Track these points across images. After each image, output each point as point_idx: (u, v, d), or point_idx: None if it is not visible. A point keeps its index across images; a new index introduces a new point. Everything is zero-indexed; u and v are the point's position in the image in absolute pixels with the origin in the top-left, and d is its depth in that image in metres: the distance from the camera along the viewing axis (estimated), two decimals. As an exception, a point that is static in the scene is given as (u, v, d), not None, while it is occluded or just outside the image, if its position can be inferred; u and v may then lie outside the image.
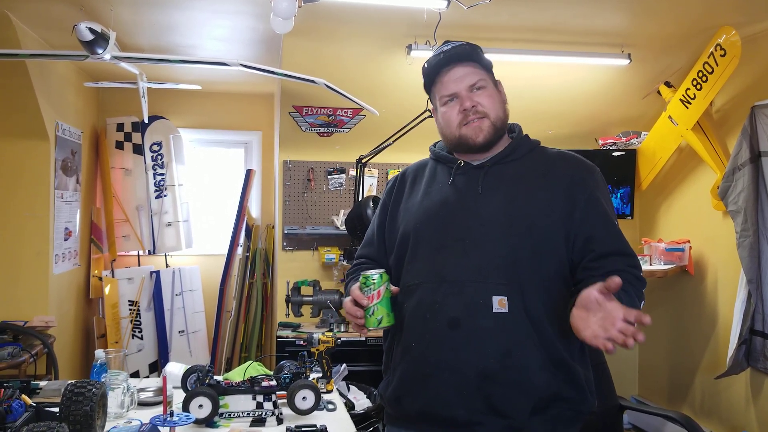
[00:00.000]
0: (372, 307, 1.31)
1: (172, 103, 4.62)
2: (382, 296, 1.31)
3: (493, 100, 1.43)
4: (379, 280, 1.30)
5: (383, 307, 1.31)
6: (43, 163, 3.43)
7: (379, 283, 1.30)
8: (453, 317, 1.34)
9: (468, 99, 1.41)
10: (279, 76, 2.97)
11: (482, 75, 1.43)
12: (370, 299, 1.30)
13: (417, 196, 1.50)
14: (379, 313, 1.31)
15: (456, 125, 1.43)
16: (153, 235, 4.48)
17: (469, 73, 1.42)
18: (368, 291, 1.31)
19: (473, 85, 1.42)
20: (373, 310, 1.31)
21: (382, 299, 1.31)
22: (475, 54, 1.44)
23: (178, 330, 4.43)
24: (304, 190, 3.77)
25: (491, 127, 1.42)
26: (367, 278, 1.31)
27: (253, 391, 1.79)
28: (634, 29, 3.17)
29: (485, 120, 1.42)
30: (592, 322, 1.15)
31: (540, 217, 1.36)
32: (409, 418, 1.43)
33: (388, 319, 1.32)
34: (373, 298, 1.30)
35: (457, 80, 1.42)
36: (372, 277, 1.31)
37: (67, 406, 1.51)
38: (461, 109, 1.42)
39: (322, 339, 2.11)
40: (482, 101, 1.42)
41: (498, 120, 1.43)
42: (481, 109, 1.41)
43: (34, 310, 3.32)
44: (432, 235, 1.42)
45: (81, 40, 2.58)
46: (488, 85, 1.44)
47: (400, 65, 3.32)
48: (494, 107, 1.43)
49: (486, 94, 1.42)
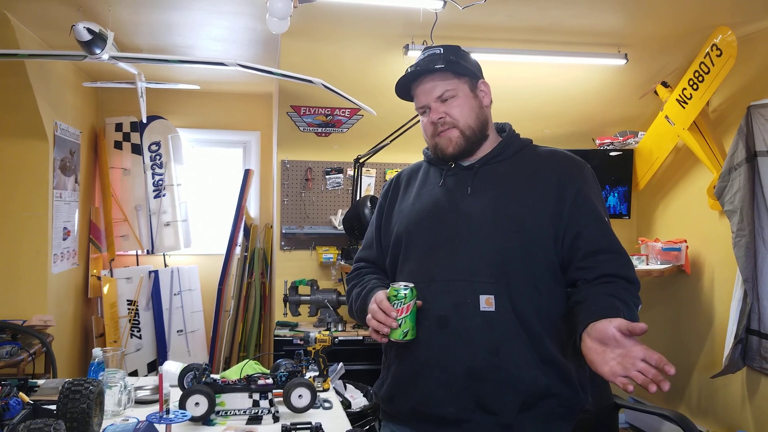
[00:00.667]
0: (400, 320, 1.32)
1: (170, 103, 4.63)
2: (411, 310, 1.33)
3: (462, 108, 1.44)
4: (411, 295, 1.32)
5: (410, 321, 1.33)
6: (41, 163, 3.44)
7: (410, 297, 1.32)
8: (441, 316, 1.36)
9: (435, 111, 1.44)
10: (276, 76, 2.98)
11: (451, 84, 1.43)
12: (399, 312, 1.32)
13: (410, 198, 1.52)
14: (406, 326, 1.33)
15: (430, 135, 1.48)
16: (151, 234, 4.49)
17: (438, 84, 1.43)
18: (398, 304, 1.32)
19: (440, 96, 1.43)
20: (401, 322, 1.33)
21: (410, 313, 1.33)
22: (445, 60, 1.44)
23: (177, 329, 4.44)
24: (302, 190, 3.78)
25: (461, 136, 1.44)
26: (398, 291, 1.32)
27: (249, 390, 1.80)
28: (631, 29, 3.18)
29: (454, 130, 1.44)
30: (609, 358, 1.13)
31: (528, 216, 1.37)
32: (402, 415, 1.45)
33: (412, 333, 1.34)
34: (403, 311, 1.32)
35: (426, 92, 1.44)
36: (404, 291, 1.32)
37: (64, 403, 1.52)
38: (431, 122, 1.45)
39: (318, 338, 2.12)
40: (450, 111, 1.43)
41: (468, 128, 1.44)
42: (449, 120, 1.43)
43: (33, 310, 3.33)
44: (423, 236, 1.44)
45: (79, 40, 2.59)
46: (458, 94, 1.44)
47: (397, 65, 3.33)
48: (463, 115, 1.44)
49: (455, 103, 1.43)
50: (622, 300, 1.26)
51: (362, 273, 1.58)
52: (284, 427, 1.48)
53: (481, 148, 1.48)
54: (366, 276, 1.56)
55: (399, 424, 1.47)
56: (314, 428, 1.42)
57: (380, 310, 1.35)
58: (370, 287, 1.48)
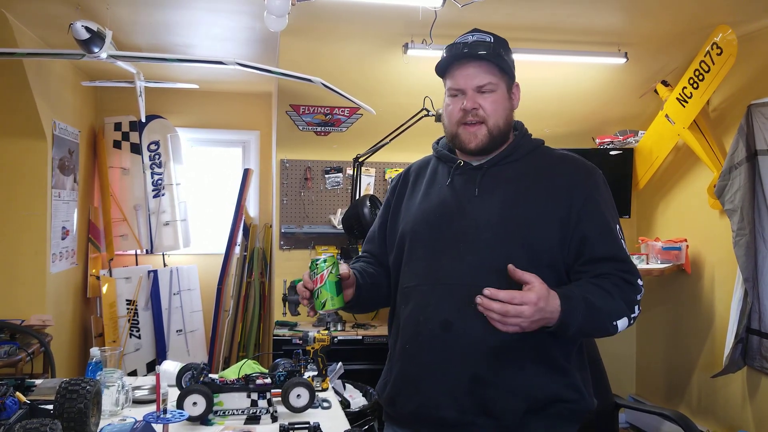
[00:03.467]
0: (317, 290, 1.34)
1: (169, 103, 4.61)
2: (325, 280, 1.34)
3: (497, 106, 1.39)
4: (323, 265, 1.34)
5: (326, 291, 1.35)
6: (40, 162, 3.43)
7: (323, 268, 1.34)
8: (444, 319, 1.34)
9: (471, 100, 1.39)
10: (276, 74, 2.97)
11: (495, 78, 1.39)
12: (314, 282, 1.35)
13: (417, 197, 1.50)
14: (323, 296, 1.35)
15: (455, 121, 1.42)
16: (151, 234, 4.48)
17: (482, 72, 1.38)
18: (314, 275, 1.35)
19: (482, 86, 1.39)
20: (317, 293, 1.35)
21: (325, 283, 1.34)
22: (495, 53, 1.40)
23: (176, 329, 4.43)
24: (301, 189, 3.77)
25: (487, 135, 1.40)
26: (314, 262, 1.35)
27: (247, 389, 1.79)
28: (631, 28, 3.17)
29: (482, 126, 1.39)
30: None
31: (535, 221, 1.35)
32: (404, 418, 1.44)
33: (332, 302, 1.35)
34: (317, 282, 1.35)
35: (467, 77, 1.39)
36: (317, 261, 1.35)
37: (61, 403, 1.51)
38: (462, 108, 1.40)
39: (317, 337, 2.11)
40: (485, 105, 1.38)
41: (496, 128, 1.40)
42: (481, 114, 1.39)
43: (31, 309, 3.32)
44: (428, 238, 1.42)
45: (77, 39, 2.58)
46: (498, 90, 1.40)
47: (396, 64, 3.32)
48: (496, 114, 1.39)
49: (492, 98, 1.39)
50: (604, 289, 1.28)
51: (356, 265, 1.57)
52: (282, 426, 1.47)
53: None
54: (356, 264, 1.55)
55: (401, 427, 1.46)
56: (312, 428, 1.41)
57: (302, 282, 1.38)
58: None
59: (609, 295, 1.29)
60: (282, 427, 1.47)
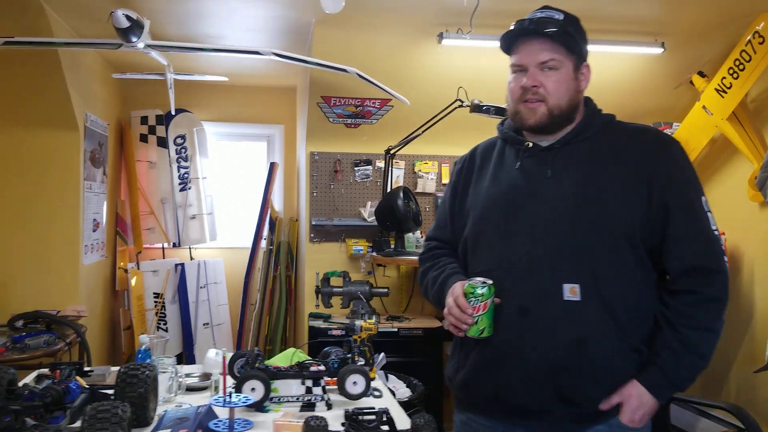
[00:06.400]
0: (476, 317, 1.30)
1: (195, 97, 4.61)
2: (488, 308, 1.30)
3: (559, 84, 1.35)
4: (488, 293, 1.30)
5: (487, 319, 1.31)
6: (73, 154, 3.44)
7: (488, 296, 1.30)
8: (522, 304, 1.31)
9: (531, 77, 1.35)
10: (311, 65, 2.95)
11: (559, 56, 1.34)
12: (475, 310, 1.30)
13: (485, 180, 1.46)
14: (482, 324, 1.31)
15: (516, 98, 1.39)
16: (177, 227, 4.48)
17: (547, 49, 1.34)
18: (475, 302, 1.30)
19: (544, 63, 1.34)
20: (477, 320, 1.30)
21: (487, 311, 1.30)
22: (562, 31, 1.35)
23: (203, 322, 4.43)
24: (330, 182, 3.75)
25: (547, 113, 1.35)
26: (475, 290, 1.30)
27: (302, 376, 1.77)
28: (670, 17, 3.13)
29: (542, 105, 1.35)
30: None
31: (613, 200, 1.31)
32: (478, 404, 1.41)
33: (488, 330, 1.32)
34: (479, 309, 1.30)
35: (531, 53, 1.35)
36: (481, 289, 1.30)
37: (122, 387, 1.50)
38: (522, 85, 1.36)
39: (364, 326, 2.09)
40: (547, 84, 1.34)
41: (557, 108, 1.35)
42: (541, 92, 1.35)
43: (65, 300, 3.32)
44: (500, 222, 1.39)
45: (117, 27, 2.58)
46: (562, 68, 1.35)
47: (431, 54, 3.29)
48: (557, 93, 1.34)
49: (555, 77, 1.34)
50: (691, 351, 1.29)
51: (437, 254, 1.54)
52: (348, 412, 1.45)
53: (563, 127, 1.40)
54: (441, 258, 1.52)
55: (474, 413, 1.43)
56: (380, 413, 1.38)
57: (456, 306, 1.31)
58: (447, 273, 1.44)
59: (694, 345, 1.29)
60: (347, 413, 1.44)
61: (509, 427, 1.35)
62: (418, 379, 2.74)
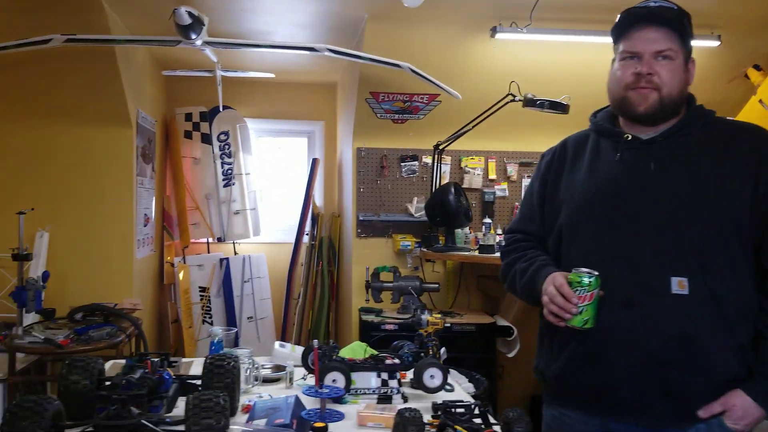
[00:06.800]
0: (581, 307, 1.29)
1: (236, 93, 4.66)
2: (594, 299, 1.29)
3: (673, 75, 1.33)
4: (595, 283, 1.29)
5: (592, 310, 1.30)
6: (127, 150, 3.51)
7: (594, 286, 1.29)
8: (626, 297, 1.30)
9: (647, 65, 1.33)
10: (365, 60, 2.96)
11: (675, 46, 1.34)
12: (581, 299, 1.29)
13: (581, 172, 1.44)
14: (587, 314, 1.29)
15: (624, 86, 1.37)
16: (222, 223, 4.54)
17: (663, 38, 1.33)
18: (581, 291, 1.29)
19: (661, 51, 1.33)
20: (582, 310, 1.29)
21: (593, 302, 1.29)
22: (679, 22, 1.35)
23: (247, 316, 4.48)
24: (377, 178, 3.76)
25: (658, 102, 1.34)
26: (581, 278, 1.29)
27: (377, 369, 1.79)
28: (727, 9, 3.07)
29: (654, 93, 1.33)
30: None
31: (722, 195, 1.29)
32: (574, 398, 1.40)
33: (592, 322, 1.31)
34: (585, 299, 1.29)
35: (647, 41, 1.33)
36: (587, 279, 1.29)
37: (209, 378, 1.53)
38: (635, 72, 1.34)
39: (431, 320, 2.09)
40: (662, 72, 1.33)
41: (668, 97, 1.34)
42: (657, 81, 1.33)
43: (120, 293, 3.39)
44: (600, 215, 1.37)
45: (179, 24, 2.62)
46: (677, 59, 1.34)
47: (482, 49, 3.28)
48: (671, 83, 1.33)
49: (670, 67, 1.33)
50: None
51: (523, 246, 1.53)
52: (435, 404, 1.45)
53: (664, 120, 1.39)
54: (529, 251, 1.50)
55: (568, 407, 1.42)
56: (472, 406, 1.39)
57: (559, 294, 1.30)
58: (539, 264, 1.43)
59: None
60: (435, 405, 1.45)
61: (606, 422, 1.34)
62: (472, 375, 2.73)
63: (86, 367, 1.51)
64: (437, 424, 1.33)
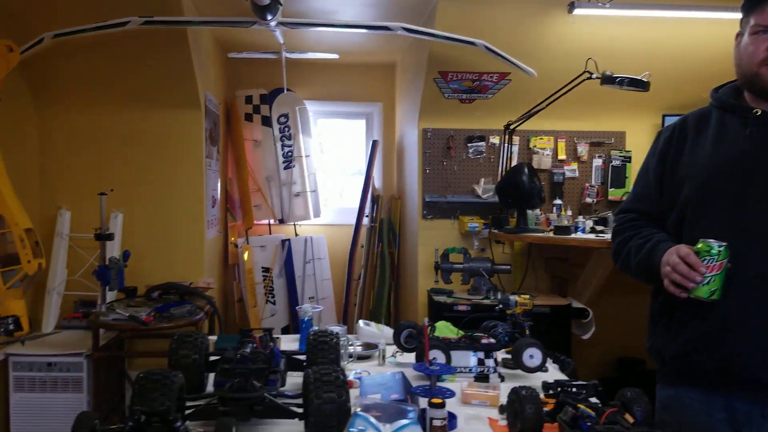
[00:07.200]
0: (708, 277, 1.26)
1: (294, 75, 4.66)
2: (723, 269, 1.26)
3: None
4: (724, 253, 1.26)
5: (719, 280, 1.26)
6: (197, 132, 3.56)
7: (724, 256, 1.26)
8: (759, 272, 1.26)
9: None
10: (439, 38, 2.91)
11: None
12: (709, 269, 1.26)
13: (704, 148, 1.40)
14: (714, 285, 1.26)
15: (757, 61, 1.32)
16: (282, 204, 4.59)
17: None
18: (710, 261, 1.26)
19: None
20: (709, 280, 1.26)
21: (721, 272, 1.26)
22: None
23: (309, 296, 4.54)
24: (443, 158, 3.72)
25: None
26: (711, 247, 1.26)
27: (473, 348, 1.78)
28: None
29: None
30: None
31: None
32: (697, 376, 1.36)
33: (719, 293, 1.27)
34: (714, 269, 1.26)
35: None
36: (716, 248, 1.26)
37: (314, 353, 1.54)
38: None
39: (519, 301, 2.06)
40: None
41: None
42: None
43: (192, 273, 3.47)
44: (730, 189, 1.33)
45: (257, 5, 2.62)
46: None
47: (559, 25, 3.18)
48: None
49: None
50: None
51: (637, 225, 1.49)
52: (545, 383, 1.43)
53: None
54: (643, 229, 1.47)
55: (688, 386, 1.38)
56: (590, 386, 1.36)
57: (684, 263, 1.26)
58: (657, 240, 1.39)
59: None
60: (545, 384, 1.43)
61: (730, 400, 1.31)
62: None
63: (195, 342, 1.55)
64: (555, 403, 1.31)
